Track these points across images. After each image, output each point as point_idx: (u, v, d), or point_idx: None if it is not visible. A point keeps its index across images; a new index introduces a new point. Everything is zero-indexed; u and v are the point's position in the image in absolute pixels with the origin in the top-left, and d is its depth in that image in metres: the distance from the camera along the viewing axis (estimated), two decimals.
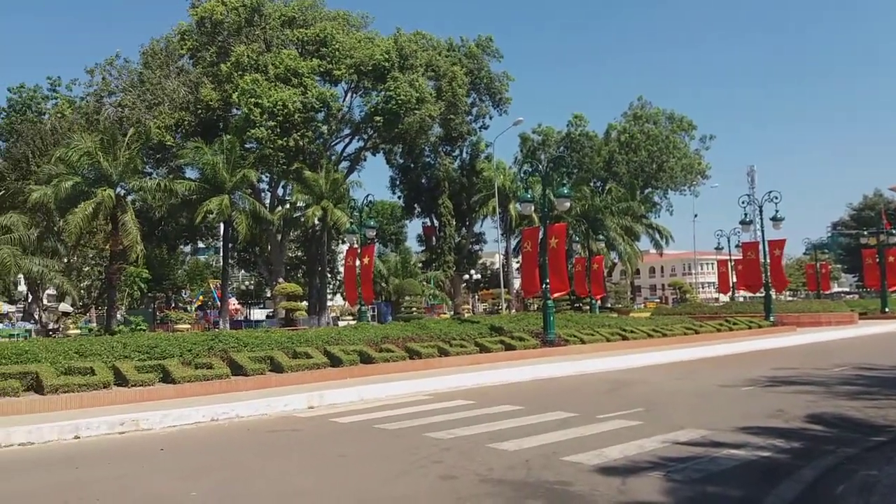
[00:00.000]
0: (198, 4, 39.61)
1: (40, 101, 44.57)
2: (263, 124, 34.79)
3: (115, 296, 33.22)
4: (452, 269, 49.70)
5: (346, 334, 16.25)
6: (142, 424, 9.63)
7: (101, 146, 30.06)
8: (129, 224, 29.73)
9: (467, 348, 16.89)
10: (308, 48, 38.68)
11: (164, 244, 46.25)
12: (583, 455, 7.27)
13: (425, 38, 43.24)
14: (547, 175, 21.19)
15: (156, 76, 38.80)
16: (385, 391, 12.70)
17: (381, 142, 44.50)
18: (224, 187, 34.50)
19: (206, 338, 14.23)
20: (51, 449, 8.51)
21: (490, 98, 49.27)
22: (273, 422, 10.34)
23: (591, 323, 22.36)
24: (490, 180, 48.39)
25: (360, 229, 24.98)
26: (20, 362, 11.22)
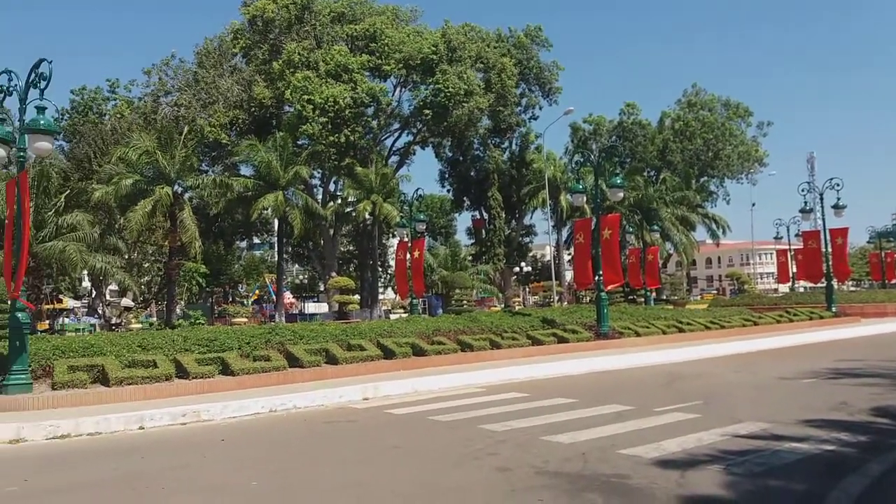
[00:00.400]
0: (249, 3, 40.31)
1: (101, 103, 46.00)
2: (315, 120, 35.24)
3: (174, 291, 34.16)
4: (502, 261, 49.53)
5: (398, 327, 16.36)
6: (203, 415, 9.89)
7: (158, 145, 30.93)
8: (187, 221, 30.57)
9: (519, 341, 16.83)
10: (357, 44, 38.99)
11: (221, 240, 47.31)
12: (640, 448, 7.17)
13: (474, 30, 43.10)
14: (599, 165, 20.86)
15: (210, 75, 39.65)
16: (438, 383, 12.75)
17: (430, 135, 44.60)
18: (278, 184, 35.10)
19: (264, 331, 14.51)
20: (117, 439, 8.80)
21: (540, 88, 48.82)
22: (329, 413, 10.49)
23: (646, 315, 22.02)
24: (540, 171, 47.99)
25: (411, 223, 25.10)
26: (87, 356, 11.61)
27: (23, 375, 10.34)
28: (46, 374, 10.92)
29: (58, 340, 12.66)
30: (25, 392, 10.21)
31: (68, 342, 12.35)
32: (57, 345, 11.92)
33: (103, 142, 37.48)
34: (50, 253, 26.37)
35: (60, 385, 10.49)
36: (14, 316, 10.50)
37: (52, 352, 11.49)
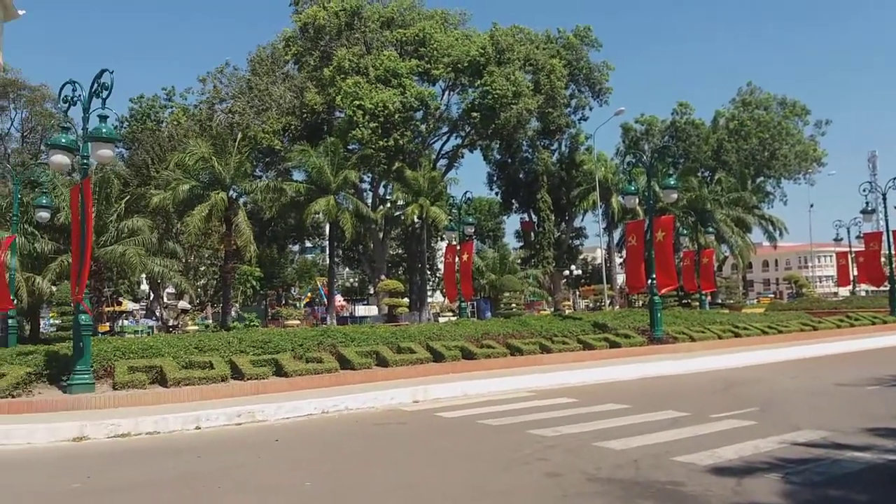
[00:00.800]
0: (301, 11, 41.01)
1: (158, 111, 47.34)
2: (365, 125, 35.63)
3: (229, 293, 34.94)
4: (552, 264, 49.16)
5: (447, 330, 16.38)
6: (257, 416, 10.07)
7: (214, 151, 31.69)
8: (241, 225, 31.24)
9: (570, 345, 16.65)
10: (407, 48, 39.28)
11: (275, 244, 48.19)
12: (694, 455, 7.02)
13: (522, 32, 42.97)
14: (651, 166, 20.57)
15: (263, 82, 40.45)
16: (487, 387, 12.73)
17: (479, 138, 44.62)
18: (329, 188, 35.58)
19: (316, 333, 14.71)
20: (175, 438, 9.04)
21: (589, 89, 48.39)
22: (380, 415, 10.57)
23: (701, 319, 21.56)
24: (590, 173, 47.49)
25: (459, 226, 25.13)
26: (146, 357, 11.95)
27: (86, 376, 10.69)
28: (108, 375, 11.27)
29: (118, 342, 13.06)
30: (88, 392, 10.55)
31: (128, 344, 12.72)
32: (117, 346, 12.30)
33: (161, 148, 38.58)
34: (110, 257, 27.24)
35: (121, 385, 10.82)
36: (77, 318, 10.86)
37: (113, 353, 11.86)
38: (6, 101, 56.48)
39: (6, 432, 8.68)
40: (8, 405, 9.90)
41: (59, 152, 11.06)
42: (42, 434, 8.77)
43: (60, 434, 8.80)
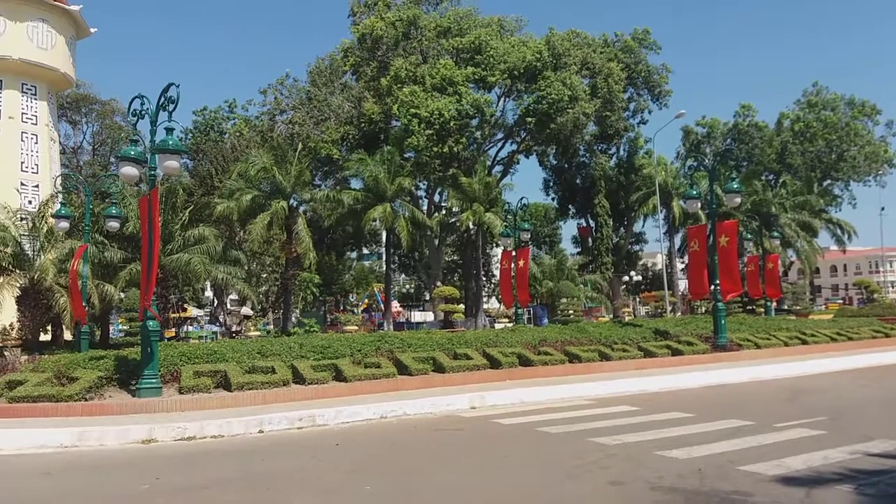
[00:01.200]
0: (359, 22, 41.64)
1: (221, 122, 48.73)
2: (421, 133, 35.88)
3: (290, 300, 35.59)
4: (611, 270, 48.48)
5: (503, 337, 16.29)
6: (318, 420, 10.22)
7: (275, 161, 32.42)
8: (301, 233, 31.85)
9: (630, 353, 16.37)
10: (462, 56, 39.41)
11: (333, 251, 48.94)
12: (761, 465, 6.81)
13: (579, 36, 42.64)
14: (714, 169, 20.11)
15: (322, 93, 41.19)
16: (545, 394, 12.61)
17: (534, 143, 44.42)
18: (385, 196, 35.93)
19: (373, 338, 14.85)
20: (238, 441, 9.24)
21: (648, 92, 47.67)
22: (437, 421, 10.58)
23: (767, 326, 20.91)
24: (650, 177, 46.67)
25: (515, 232, 25.02)
26: (211, 362, 12.26)
27: (153, 380, 11.03)
28: (174, 379, 11.60)
29: (184, 347, 13.44)
30: (156, 396, 10.89)
31: (193, 349, 13.08)
32: (183, 351, 12.66)
33: (224, 159, 39.68)
34: (176, 265, 28.11)
35: (187, 389, 11.12)
36: (145, 324, 11.23)
37: (179, 358, 12.21)
38: (79, 115, 59.09)
39: (80, 434, 9.02)
40: (81, 408, 10.31)
41: (129, 164, 11.48)
42: (113, 436, 9.08)
43: (130, 436, 9.10)
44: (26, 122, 43.66)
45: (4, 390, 10.89)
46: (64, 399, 10.37)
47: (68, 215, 20.76)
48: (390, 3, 42.51)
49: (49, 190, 40.09)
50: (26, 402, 10.34)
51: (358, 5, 43.59)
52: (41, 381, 10.95)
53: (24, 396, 10.43)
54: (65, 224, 20.66)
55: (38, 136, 44.16)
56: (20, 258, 26.93)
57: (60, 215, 20.31)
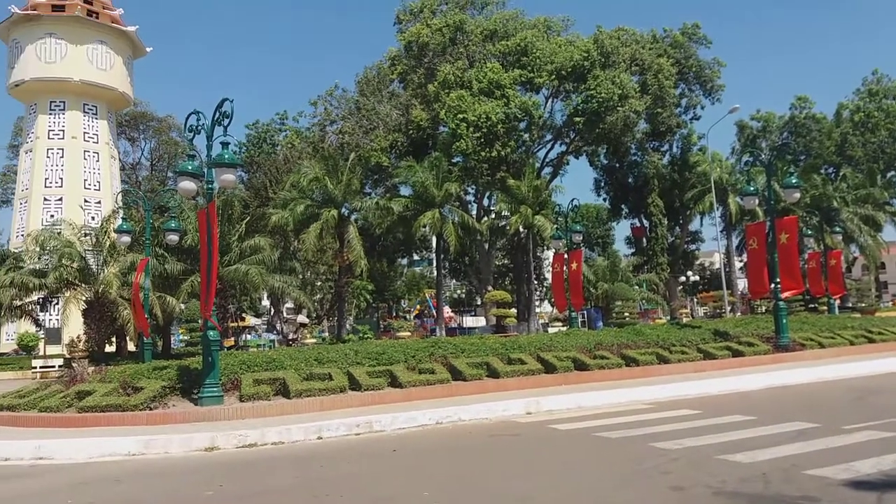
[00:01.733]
0: (405, 30, 42.00)
1: (273, 135, 49.77)
2: (468, 137, 35.93)
3: (344, 307, 36.05)
4: (666, 270, 47.62)
5: (557, 341, 16.13)
6: (374, 426, 10.29)
7: (326, 171, 32.96)
8: (353, 241, 32.26)
9: (689, 355, 16.02)
10: (509, 59, 39.35)
11: (384, 258, 49.37)
12: (828, 469, 6.57)
13: (627, 34, 42.17)
14: (770, 164, 19.50)
15: (370, 102, 41.70)
16: (602, 399, 12.43)
17: (584, 144, 44.06)
18: (434, 202, 36.10)
19: (427, 344, 14.89)
20: (298, 448, 9.36)
21: (700, 87, 46.81)
22: (493, 426, 10.54)
23: (830, 325, 20.21)
24: (705, 174, 45.72)
25: (566, 234, 24.80)
26: (270, 370, 12.49)
27: (215, 389, 11.29)
28: (234, 387, 11.84)
29: (243, 356, 13.72)
30: (217, 404, 11.13)
31: (252, 357, 13.34)
32: (243, 360, 12.92)
33: (277, 170, 40.51)
34: (234, 275, 28.79)
35: (247, 397, 11.34)
36: (206, 334, 11.49)
37: (239, 366, 12.47)
38: (137, 132, 61.09)
39: (145, 442, 9.29)
40: (146, 417, 10.62)
41: (187, 178, 11.80)
42: (177, 444, 9.32)
43: (193, 444, 9.33)
44: (88, 141, 45.39)
45: (74, 400, 11.31)
46: (130, 408, 10.71)
47: (130, 230, 21.43)
48: (435, 10, 42.78)
49: (110, 206, 41.54)
50: (95, 412, 10.71)
51: (404, 13, 44.01)
52: (108, 392, 11.33)
53: (92, 406, 10.81)
54: (126, 238, 21.33)
55: (100, 154, 45.83)
56: (85, 272, 27.98)
57: (122, 230, 20.97)
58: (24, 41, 44.37)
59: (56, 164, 44.14)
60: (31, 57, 43.93)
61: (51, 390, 12.33)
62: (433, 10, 42.79)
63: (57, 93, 44.53)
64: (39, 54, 43.95)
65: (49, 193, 43.60)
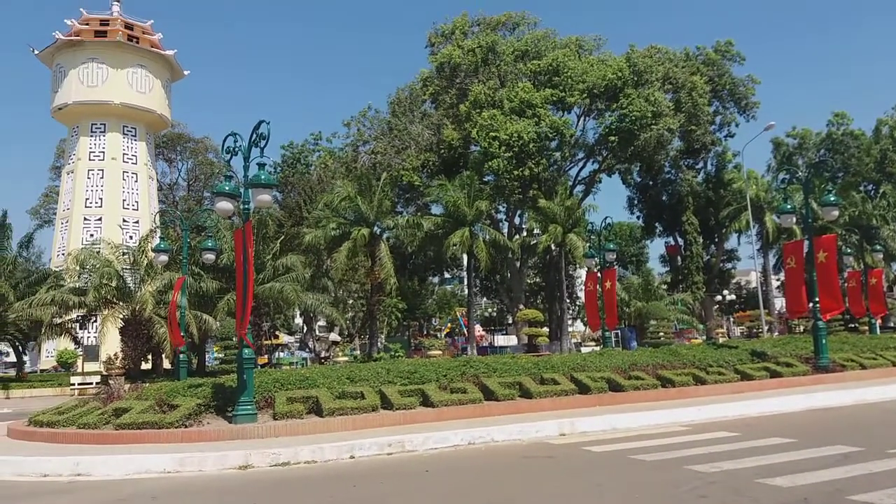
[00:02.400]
0: (437, 52, 42.41)
1: (307, 155, 50.45)
2: (500, 156, 35.99)
3: (376, 325, 36.16)
4: (702, 289, 46.94)
5: (591, 361, 15.95)
6: (407, 446, 10.26)
7: (358, 191, 33.29)
8: (384, 258, 32.46)
9: (726, 376, 15.72)
10: (541, 78, 39.43)
11: (415, 276, 49.49)
12: (873, 494, 6.37)
13: (660, 52, 42.07)
14: (808, 182, 19.23)
15: (402, 123, 42.08)
16: (638, 420, 12.24)
17: (617, 162, 43.87)
18: (465, 220, 36.17)
19: (458, 363, 14.82)
20: (331, 467, 9.37)
21: (735, 104, 46.38)
22: (526, 447, 10.44)
23: (872, 345, 19.69)
24: (740, 192, 45.12)
25: (599, 253, 24.61)
26: (303, 388, 12.54)
27: (249, 407, 11.37)
28: (268, 405, 11.91)
29: (277, 374, 13.81)
30: (251, 422, 11.20)
31: (286, 375, 13.42)
32: (277, 378, 13.01)
33: (311, 190, 41.04)
34: (268, 293, 29.11)
35: (280, 415, 11.40)
36: (241, 352, 11.60)
37: (273, 384, 12.54)
38: (174, 153, 62.40)
39: (181, 460, 9.37)
40: (181, 434, 10.73)
41: (224, 199, 11.99)
42: (212, 462, 9.39)
43: (228, 462, 9.38)
44: (127, 162, 46.48)
45: (111, 418, 11.48)
46: (165, 426, 10.85)
47: (167, 249, 21.79)
48: (467, 32, 43.17)
49: (148, 225, 42.43)
50: (131, 429, 10.86)
51: (435, 36, 44.48)
52: (144, 409, 11.49)
53: (129, 423, 10.97)
54: (164, 257, 21.70)
55: (138, 175, 46.88)
56: (123, 291, 28.54)
57: (160, 249, 21.34)
58: (67, 66, 45.79)
59: (96, 184, 45.27)
60: (74, 81, 45.30)
61: (89, 407, 12.54)
62: (465, 31, 43.18)
63: (98, 115, 45.80)
64: (82, 78, 45.31)
65: (89, 213, 44.70)
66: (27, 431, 12.08)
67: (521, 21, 44.82)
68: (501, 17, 44.57)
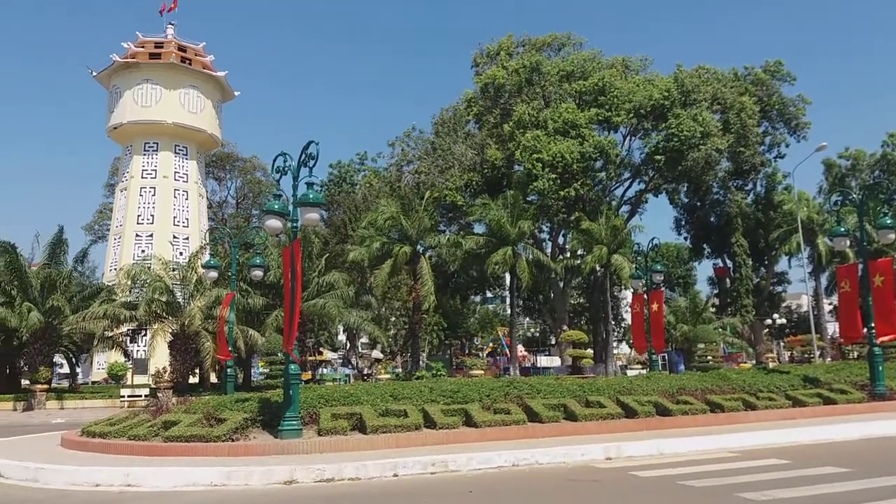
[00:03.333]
0: (481, 73, 42.67)
1: (352, 174, 51.12)
2: (544, 177, 35.88)
3: (418, 343, 36.23)
4: (751, 313, 45.91)
5: (637, 384, 15.67)
6: (450, 466, 10.21)
7: (401, 209, 33.58)
8: (425, 276, 32.60)
9: (777, 401, 15.29)
10: (585, 98, 39.32)
11: (457, 295, 49.49)
12: None
13: (708, 72, 41.63)
14: (862, 204, 18.67)
15: (446, 143, 42.37)
16: (686, 445, 11.97)
17: (663, 182, 43.38)
18: (508, 239, 36.09)
19: (502, 384, 14.72)
20: (374, 485, 9.37)
21: (785, 125, 45.53)
22: (571, 471, 10.29)
23: None
24: (791, 213, 44.14)
25: (646, 274, 24.27)
26: (347, 404, 12.61)
27: (295, 422, 11.48)
28: (313, 421, 12.00)
29: (322, 390, 13.92)
30: (296, 437, 11.30)
31: (330, 391, 13.51)
32: (321, 394, 13.12)
33: (356, 209, 41.54)
34: (313, 309, 29.46)
35: (325, 431, 11.48)
36: (287, 368, 11.74)
37: (317, 400, 12.65)
38: (223, 172, 63.88)
39: (228, 474, 9.49)
40: (228, 448, 10.88)
41: (274, 217, 12.22)
42: (257, 477, 9.48)
43: (274, 477, 9.47)
44: (178, 181, 47.75)
45: (160, 430, 11.71)
46: (212, 439, 11.01)
47: (217, 265, 22.21)
48: (512, 52, 43.35)
49: (198, 242, 43.42)
50: (179, 442, 11.06)
51: (480, 56, 44.79)
52: (193, 422, 11.69)
53: (177, 436, 11.17)
54: (214, 274, 22.11)
55: (189, 193, 48.06)
56: (172, 306, 29.19)
57: (210, 266, 21.77)
58: (122, 87, 47.39)
59: (148, 201, 46.55)
60: (129, 101, 46.84)
61: (139, 419, 12.81)
62: (510, 52, 43.39)
63: (151, 135, 47.23)
64: (136, 99, 46.82)
65: (141, 230, 45.94)
66: (80, 441, 12.39)
67: (566, 42, 44.84)
68: (547, 38, 44.66)
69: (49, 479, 9.81)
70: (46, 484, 9.67)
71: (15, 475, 10.21)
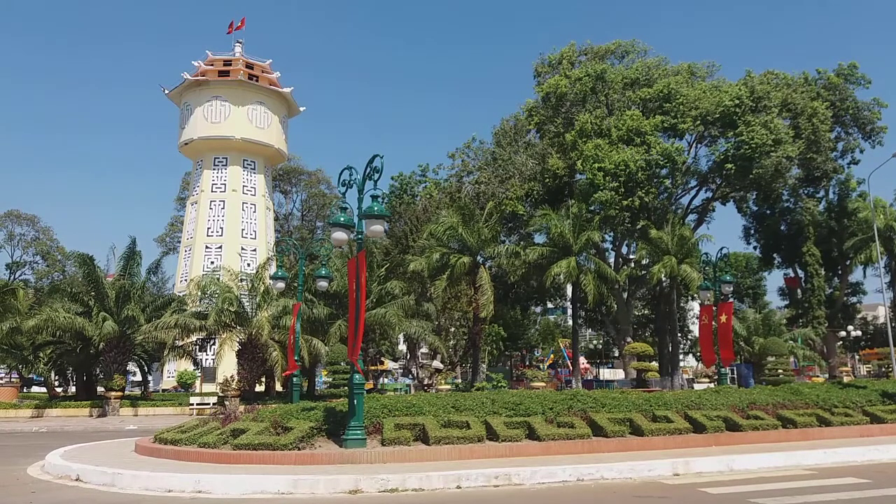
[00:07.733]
0: (543, 82, 42.48)
1: (414, 185, 51.50)
2: (607, 187, 35.39)
3: (479, 354, 36.15)
4: (824, 325, 44.14)
5: (706, 398, 15.24)
6: (513, 479, 10.14)
7: (461, 220, 33.67)
8: (485, 286, 32.57)
9: (853, 417, 14.66)
10: (650, 105, 38.67)
11: (518, 305, 49.18)
12: None
13: (777, 77, 40.42)
14: None
15: (506, 153, 42.27)
16: (757, 462, 11.59)
17: (731, 190, 42.26)
18: (571, 250, 35.68)
19: (565, 396, 14.54)
20: (438, 496, 9.36)
21: (858, 130, 43.79)
22: (637, 486, 10.09)
23: None
24: (866, 221, 42.32)
25: (715, 285, 23.64)
26: (409, 415, 12.68)
27: (359, 431, 11.62)
28: (376, 431, 12.12)
29: (385, 400, 14.04)
30: (361, 447, 11.43)
31: (393, 402, 13.61)
32: (385, 404, 13.23)
33: (417, 220, 41.84)
34: (374, 319, 29.76)
35: (388, 441, 11.57)
36: (352, 378, 11.90)
37: (381, 410, 12.77)
38: (289, 185, 65.40)
39: (294, 482, 9.66)
40: (294, 457, 11.08)
41: (340, 229, 12.47)
42: (323, 486, 9.61)
43: (339, 486, 9.58)
44: (246, 194, 49.16)
45: (229, 438, 12.01)
46: (279, 447, 11.23)
47: (284, 277, 22.68)
48: (574, 61, 43.03)
49: (265, 254, 44.54)
50: (247, 450, 11.32)
51: (542, 66, 44.61)
52: (260, 431, 11.95)
53: (246, 444, 11.44)
54: (281, 284, 22.59)
55: (256, 206, 49.39)
56: (241, 316, 29.93)
57: (278, 277, 22.26)
58: (193, 104, 49.13)
59: (217, 214, 48.03)
60: (199, 118, 48.52)
61: (208, 427, 13.16)
62: (572, 61, 43.07)
63: (220, 150, 48.79)
64: (206, 115, 48.46)
65: (210, 242, 47.42)
66: (153, 448, 12.82)
67: (630, 49, 44.25)
68: (610, 46, 44.16)
69: (125, 484, 10.19)
70: (123, 489, 10.04)
71: (94, 480, 10.65)
